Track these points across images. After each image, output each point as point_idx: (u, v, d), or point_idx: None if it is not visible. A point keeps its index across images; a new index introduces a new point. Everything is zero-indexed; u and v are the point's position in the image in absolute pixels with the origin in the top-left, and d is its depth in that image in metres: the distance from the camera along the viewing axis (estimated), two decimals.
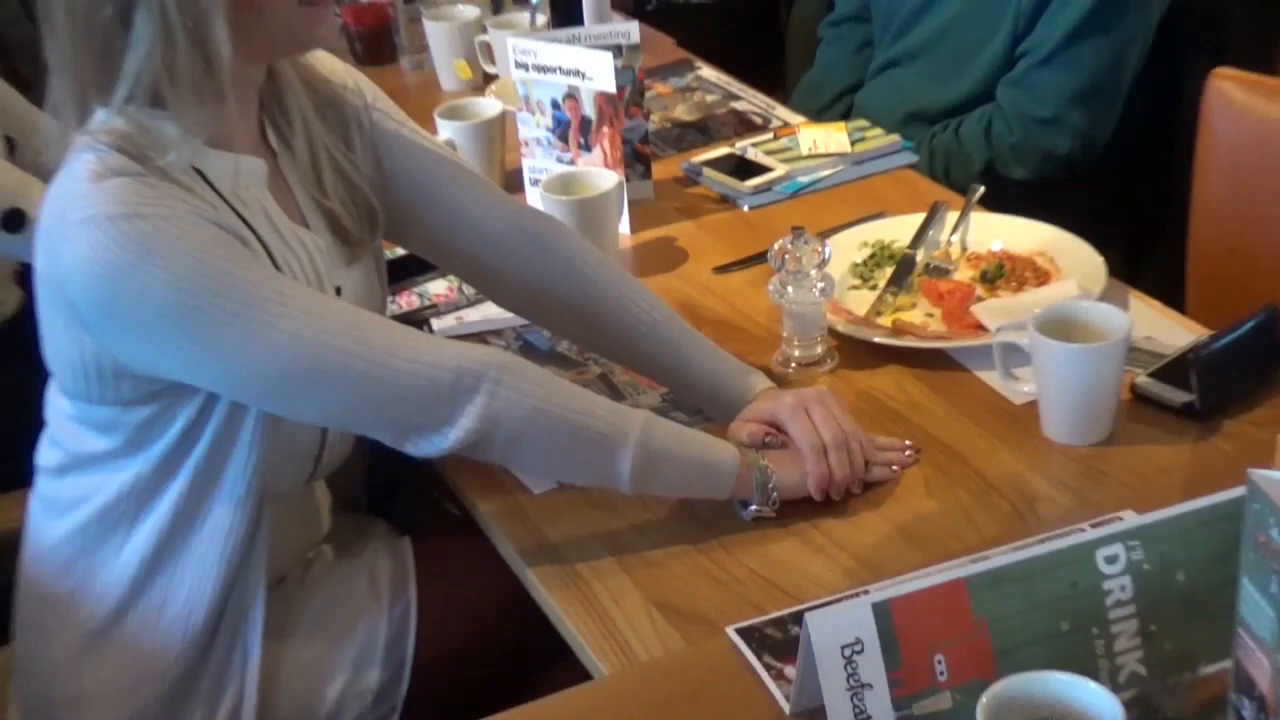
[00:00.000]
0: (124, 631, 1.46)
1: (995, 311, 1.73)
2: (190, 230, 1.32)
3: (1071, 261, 1.83)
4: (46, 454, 1.51)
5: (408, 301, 1.92)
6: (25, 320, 1.46)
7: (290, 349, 1.34)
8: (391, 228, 1.66)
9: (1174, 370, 1.58)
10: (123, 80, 1.34)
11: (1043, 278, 1.81)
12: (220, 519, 1.44)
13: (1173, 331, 1.70)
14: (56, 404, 1.48)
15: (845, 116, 2.40)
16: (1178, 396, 1.56)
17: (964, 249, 1.88)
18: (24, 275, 2.26)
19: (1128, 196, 2.46)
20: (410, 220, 1.66)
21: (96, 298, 1.30)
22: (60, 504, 1.49)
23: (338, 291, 1.51)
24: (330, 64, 1.62)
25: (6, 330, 2.19)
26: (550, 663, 1.43)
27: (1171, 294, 1.90)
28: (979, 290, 1.80)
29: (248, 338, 1.33)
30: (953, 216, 1.92)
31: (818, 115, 2.44)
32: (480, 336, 1.80)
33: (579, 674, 1.34)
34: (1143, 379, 1.58)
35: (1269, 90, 1.98)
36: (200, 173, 1.39)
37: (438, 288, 1.95)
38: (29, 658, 1.54)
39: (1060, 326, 1.52)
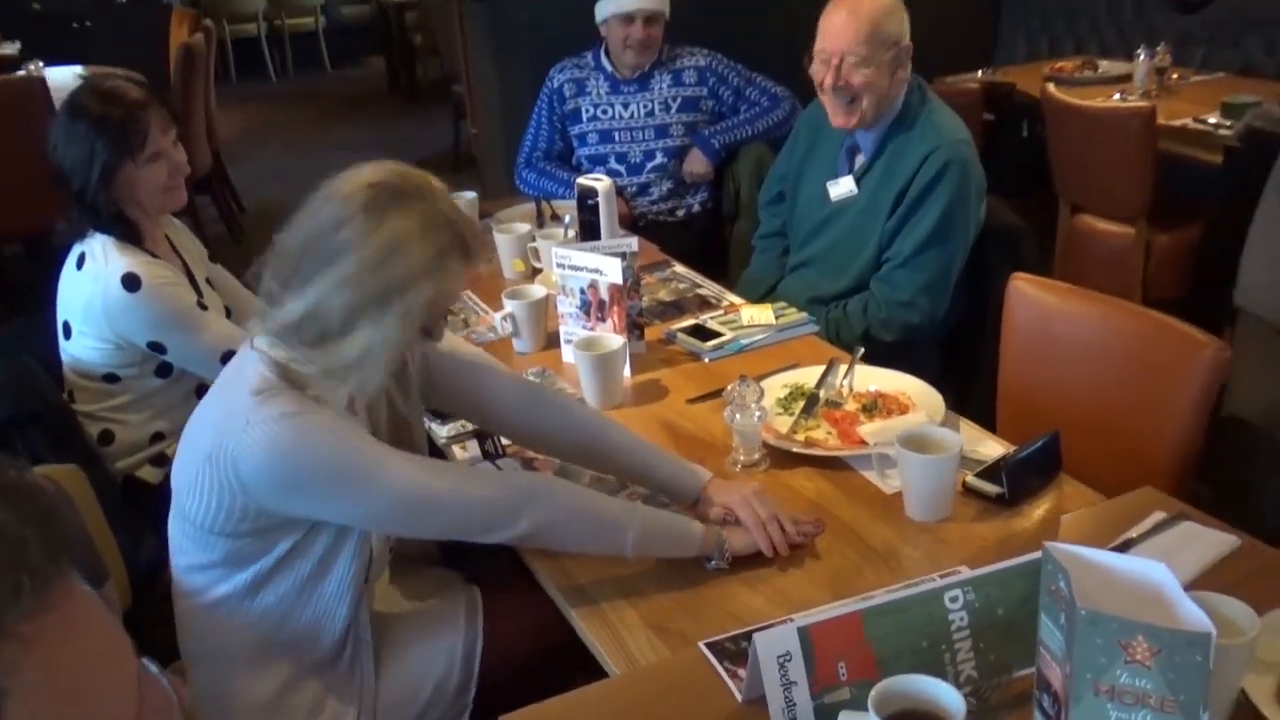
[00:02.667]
0: (273, 657, 1.46)
1: (873, 432, 1.74)
2: (326, 421, 1.34)
3: (922, 398, 1.83)
4: (179, 556, 1.46)
5: None
6: None
7: (404, 492, 1.37)
8: (448, 405, 1.70)
9: (991, 472, 1.59)
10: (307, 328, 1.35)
11: (903, 409, 1.81)
12: (338, 581, 1.44)
13: (989, 446, 1.70)
14: (185, 528, 1.42)
15: (771, 299, 2.37)
16: (994, 490, 1.56)
17: (851, 389, 1.87)
18: None
19: (959, 354, 2.43)
20: (443, 391, 1.65)
21: (267, 474, 1.31)
22: (198, 586, 1.45)
23: None
24: None
25: None
26: (580, 668, 1.41)
27: (988, 420, 1.90)
28: (861, 417, 1.80)
29: (375, 488, 1.35)
30: (843, 368, 1.90)
31: (753, 299, 2.41)
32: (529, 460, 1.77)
33: (599, 675, 1.33)
34: (971, 478, 1.58)
35: (1046, 288, 2.00)
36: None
37: None
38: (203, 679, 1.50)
39: (916, 442, 1.53)
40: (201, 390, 2.18)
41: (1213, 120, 3.49)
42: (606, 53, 3.26)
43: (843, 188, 2.40)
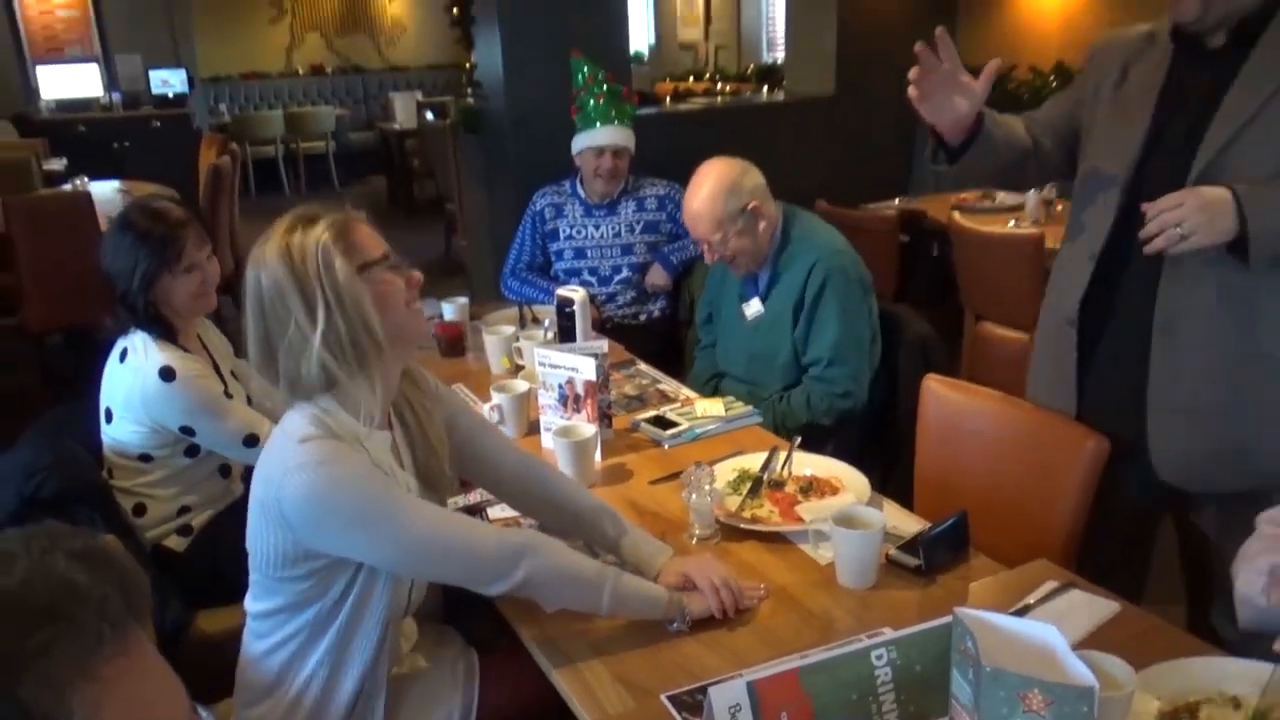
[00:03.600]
0: (309, 702, 1.44)
1: (809, 510, 1.74)
2: (361, 469, 1.34)
3: (851, 481, 1.85)
4: (252, 603, 1.46)
5: (474, 495, 1.89)
6: (248, 502, 1.43)
7: (422, 536, 1.36)
8: (460, 459, 1.64)
9: (910, 546, 1.59)
10: (309, 376, 1.35)
11: (835, 491, 1.82)
12: (368, 635, 1.43)
13: (909, 524, 1.71)
14: (256, 577, 1.42)
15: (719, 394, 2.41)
16: (913, 562, 1.56)
17: (790, 473, 1.88)
18: (247, 475, 2.25)
19: (883, 444, 2.45)
20: (463, 455, 1.63)
21: (306, 511, 1.31)
22: (261, 631, 1.45)
23: None
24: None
25: (235, 505, 2.17)
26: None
27: (907, 500, 1.91)
28: (799, 498, 1.80)
29: (399, 531, 1.35)
30: (783, 455, 1.92)
31: (705, 394, 2.44)
32: (516, 520, 1.78)
33: None
34: (893, 551, 1.58)
35: (954, 387, 2.03)
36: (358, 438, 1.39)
37: None
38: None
39: (846, 520, 1.54)
40: (224, 469, 2.20)
41: None
42: (581, 182, 3.35)
43: (754, 308, 2.49)
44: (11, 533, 0.71)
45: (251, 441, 2.05)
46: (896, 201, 4.51)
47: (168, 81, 8.76)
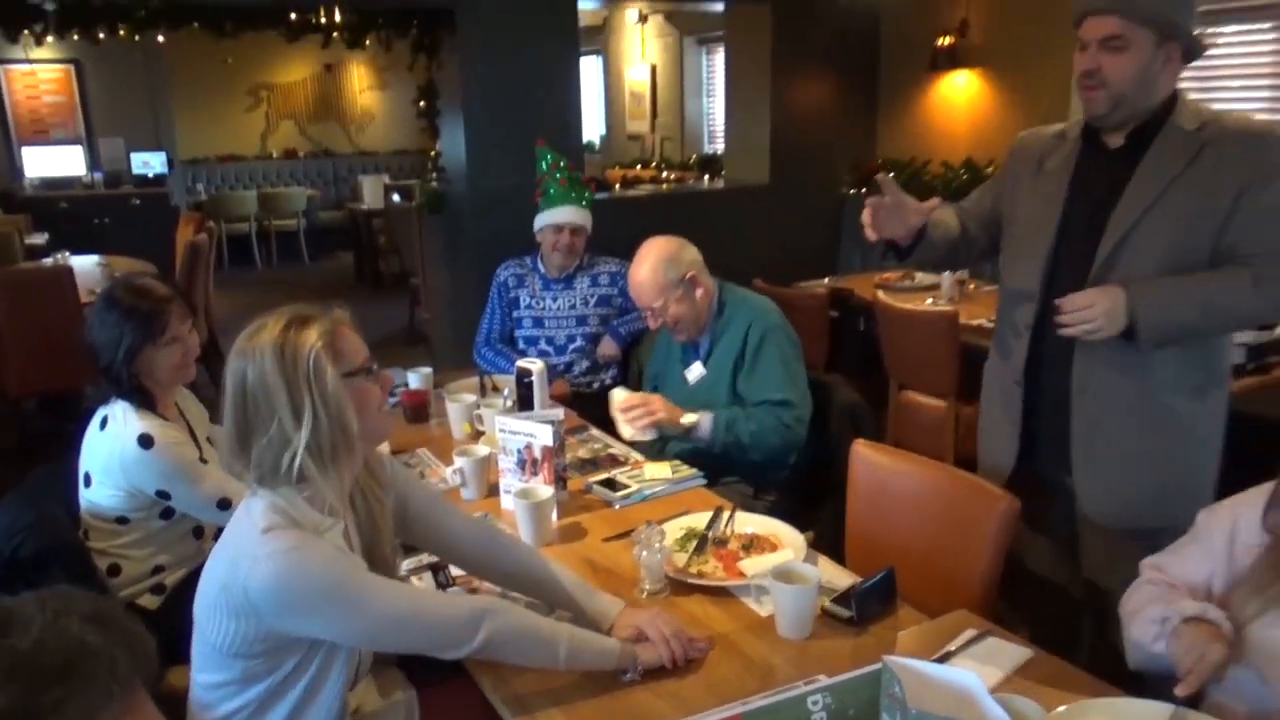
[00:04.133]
0: None
1: (751, 566, 1.75)
2: (327, 552, 1.33)
3: (788, 539, 1.85)
4: (200, 674, 1.41)
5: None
6: None
7: (388, 611, 1.34)
8: (415, 537, 1.63)
9: (843, 599, 1.60)
10: (280, 466, 1.33)
11: (774, 548, 1.83)
12: (327, 706, 1.40)
13: (841, 577, 1.72)
14: (206, 650, 1.37)
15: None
16: (846, 613, 1.57)
17: (733, 531, 1.89)
18: (218, 536, 2.20)
19: (817, 505, 2.47)
20: (416, 531, 1.62)
21: (275, 598, 1.28)
22: (208, 702, 1.40)
23: None
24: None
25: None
26: None
27: (839, 556, 1.92)
28: (741, 554, 1.81)
29: (365, 609, 1.33)
30: (726, 514, 1.93)
31: (652, 455, 2.43)
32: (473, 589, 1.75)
33: None
34: (828, 603, 1.59)
35: (880, 451, 2.06)
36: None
37: None
38: None
39: (784, 575, 1.55)
40: (198, 531, 2.15)
41: None
42: (541, 258, 3.39)
43: (696, 372, 2.55)
44: (27, 596, 0.72)
45: (225, 505, 2.01)
46: (826, 280, 4.60)
47: (148, 163, 8.72)
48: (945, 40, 5.16)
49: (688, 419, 2.37)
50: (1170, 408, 1.86)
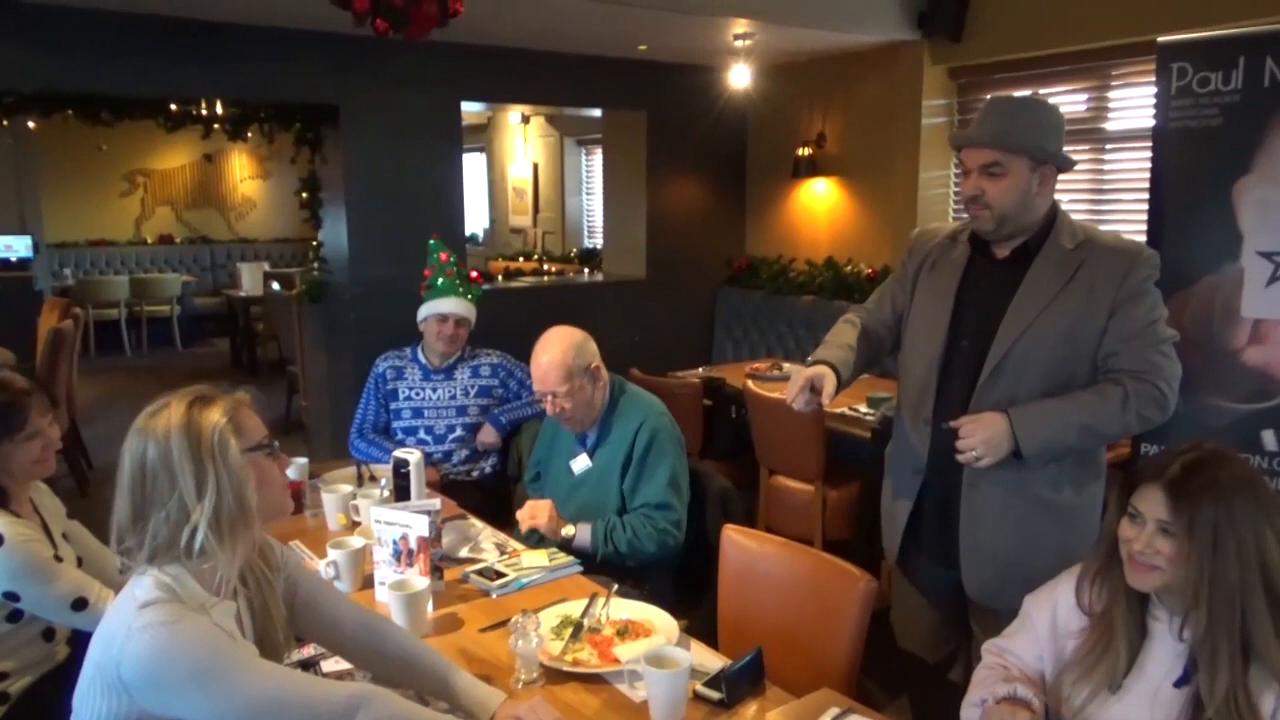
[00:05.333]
0: None
1: (625, 652, 1.75)
2: (203, 629, 1.28)
3: (662, 624, 1.86)
4: None
5: (307, 650, 1.79)
6: (72, 666, 1.32)
7: (263, 695, 1.29)
8: (298, 622, 1.57)
9: (714, 682, 1.61)
10: (171, 544, 1.29)
11: (648, 633, 1.83)
12: None
13: (713, 660, 1.74)
14: None
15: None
16: (716, 695, 1.59)
17: (608, 618, 1.88)
18: (73, 638, 2.07)
19: (689, 590, 2.47)
20: (303, 618, 1.57)
21: (144, 674, 1.22)
22: None
23: None
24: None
25: (58, 670, 1.99)
26: None
27: (711, 641, 1.94)
28: (616, 640, 1.80)
29: (240, 690, 1.27)
30: (601, 600, 1.92)
31: (531, 544, 2.40)
32: (350, 673, 1.70)
33: None
34: (699, 687, 1.61)
35: (749, 535, 2.11)
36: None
37: None
38: None
39: (656, 660, 1.56)
40: (49, 632, 2.01)
41: (863, 409, 3.79)
42: (422, 348, 3.37)
43: (581, 463, 2.54)
44: None
45: (80, 605, 1.89)
46: (700, 370, 4.71)
47: (11, 247, 8.27)
48: (805, 150, 5.47)
49: (567, 531, 2.38)
50: (1051, 501, 1.99)
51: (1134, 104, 4.22)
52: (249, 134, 5.06)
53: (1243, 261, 2.75)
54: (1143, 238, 2.92)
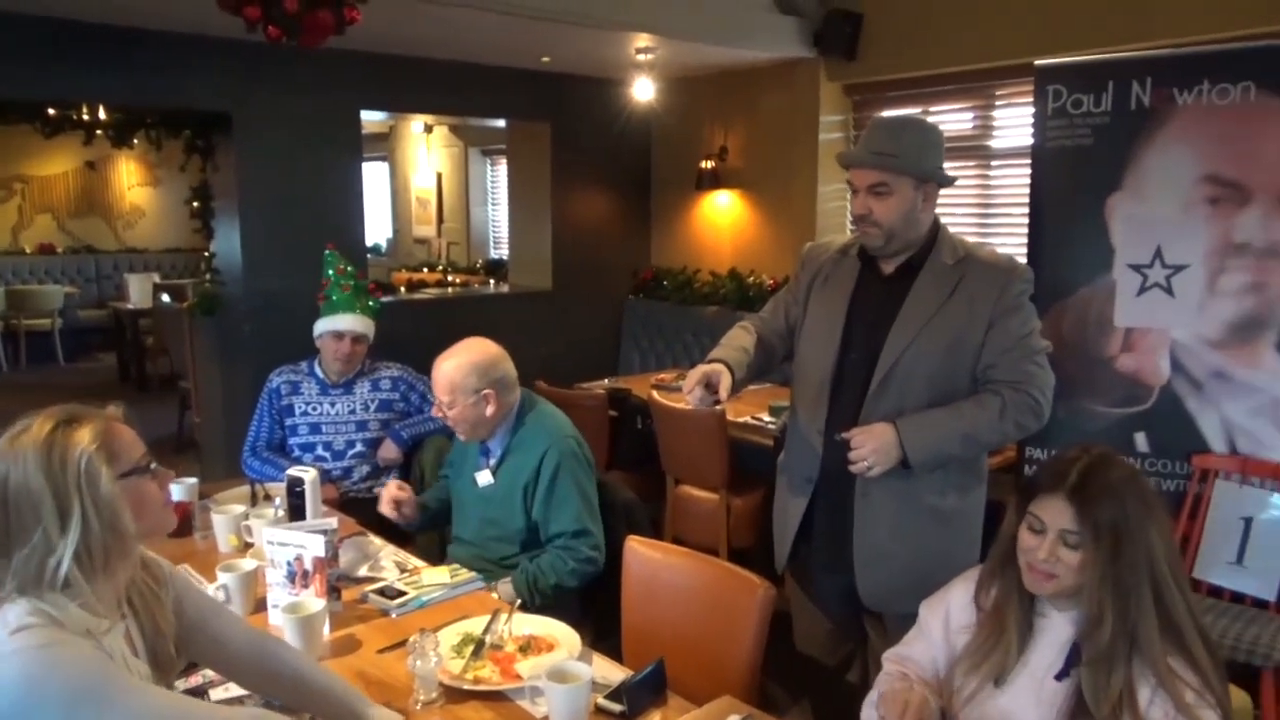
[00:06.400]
0: None
1: (527, 668, 1.73)
2: (81, 651, 1.20)
3: (564, 638, 1.85)
4: None
5: (196, 678, 1.71)
6: None
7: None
8: (183, 643, 1.47)
9: (616, 693, 1.62)
10: (48, 574, 1.20)
11: (550, 648, 1.82)
12: None
13: (616, 673, 1.74)
14: None
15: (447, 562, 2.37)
16: (618, 708, 1.59)
17: (510, 634, 1.86)
18: None
19: (594, 603, 2.45)
20: (191, 640, 1.49)
21: (18, 702, 1.14)
22: None
23: None
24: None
25: None
26: None
27: (616, 653, 1.94)
28: (519, 656, 1.78)
29: (121, 716, 1.19)
30: (504, 616, 1.90)
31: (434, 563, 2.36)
32: (240, 700, 1.64)
33: None
34: (601, 700, 1.61)
35: (652, 546, 2.12)
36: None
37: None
38: None
39: (558, 674, 1.55)
40: None
41: (766, 417, 3.87)
42: (319, 363, 3.28)
43: (485, 478, 2.50)
44: None
45: None
46: (606, 381, 4.72)
47: None
48: (708, 163, 5.55)
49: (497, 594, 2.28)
50: (937, 508, 2.06)
51: (1016, 123, 4.41)
52: (135, 141, 4.85)
53: (1114, 274, 2.91)
54: (1025, 251, 3.06)
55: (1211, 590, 2.73)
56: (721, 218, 5.70)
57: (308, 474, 2.33)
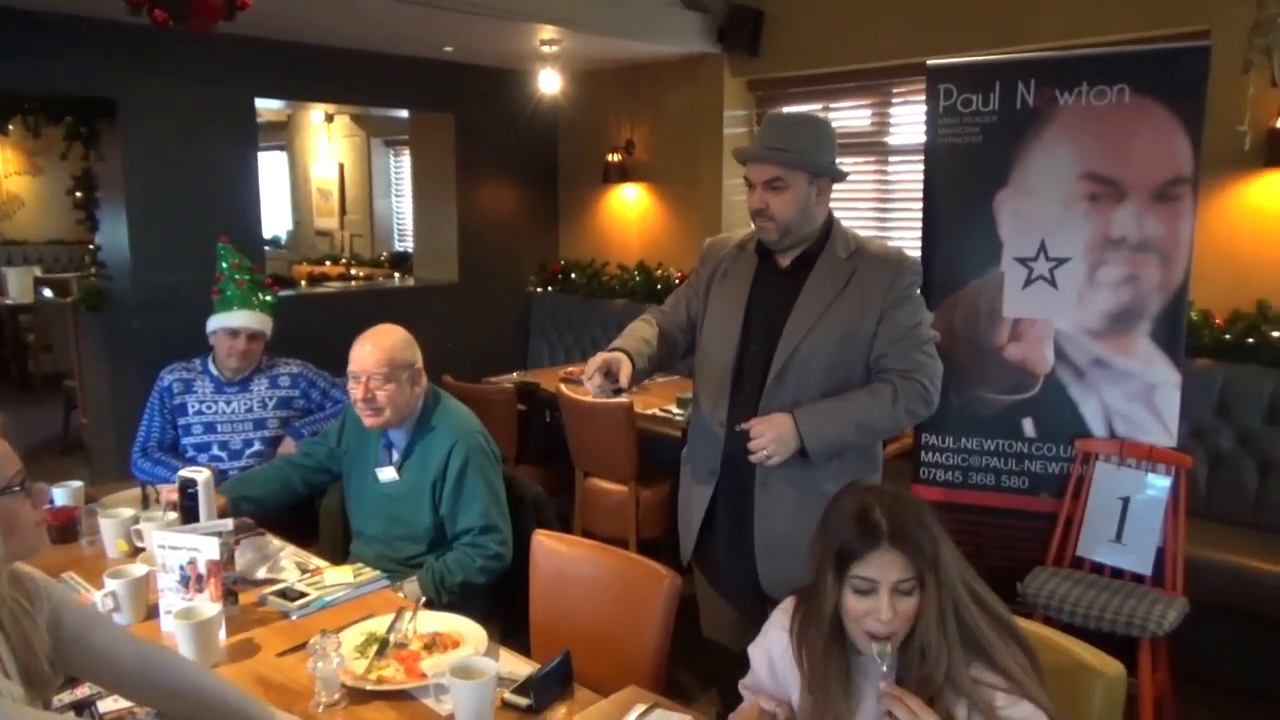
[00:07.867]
0: None
1: (432, 666, 1.71)
2: None
3: (470, 635, 1.84)
4: None
5: (82, 690, 1.63)
6: None
7: None
8: (63, 659, 1.38)
9: (523, 687, 1.62)
10: None
11: (456, 645, 1.81)
12: None
13: (523, 668, 1.74)
14: None
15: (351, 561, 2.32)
16: (524, 702, 1.59)
17: (415, 632, 1.84)
18: None
19: (500, 599, 2.43)
20: (71, 655, 1.39)
21: None
22: None
23: None
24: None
25: None
26: None
27: (525, 648, 1.95)
28: (424, 654, 1.76)
29: None
30: (408, 614, 1.88)
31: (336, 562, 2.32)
32: (130, 712, 1.58)
33: None
34: (507, 694, 1.61)
35: (559, 540, 2.13)
36: None
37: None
38: None
39: (463, 671, 1.54)
40: None
41: (673, 409, 3.93)
42: (213, 360, 3.17)
43: (387, 474, 2.44)
44: None
45: None
46: (515, 375, 4.70)
47: None
48: (615, 156, 5.56)
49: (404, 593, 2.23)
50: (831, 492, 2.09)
51: (911, 120, 4.55)
52: (10, 127, 4.58)
53: (1003, 267, 3.03)
54: (920, 245, 3.16)
55: (1094, 567, 2.87)
56: (629, 211, 5.72)
57: (200, 474, 2.25)
